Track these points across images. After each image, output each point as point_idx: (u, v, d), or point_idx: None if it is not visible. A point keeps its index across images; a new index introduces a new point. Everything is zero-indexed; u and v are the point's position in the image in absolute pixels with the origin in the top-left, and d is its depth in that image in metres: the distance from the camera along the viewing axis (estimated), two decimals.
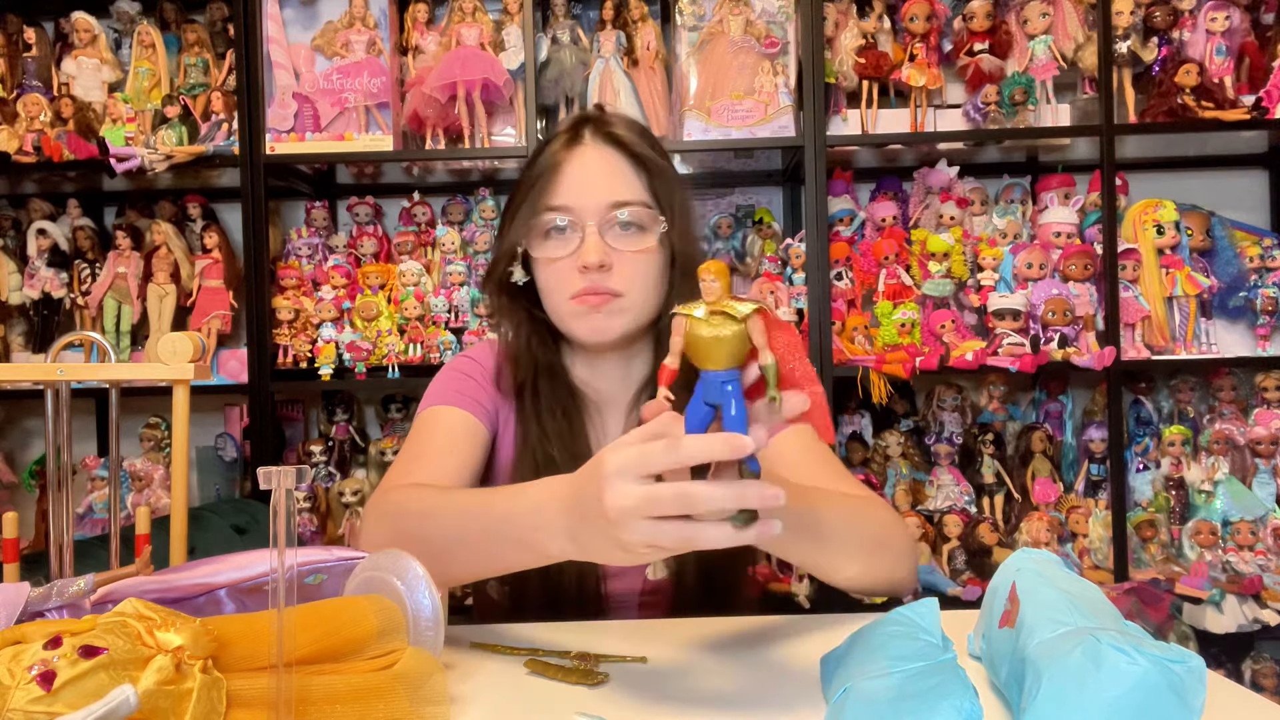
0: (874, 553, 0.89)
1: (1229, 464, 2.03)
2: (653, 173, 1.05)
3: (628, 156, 1.04)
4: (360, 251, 2.19)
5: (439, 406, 1.07)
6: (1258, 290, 2.05)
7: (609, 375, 1.11)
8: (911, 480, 2.11)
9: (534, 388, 1.08)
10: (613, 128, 1.06)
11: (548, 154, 1.05)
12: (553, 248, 1.03)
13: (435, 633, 0.70)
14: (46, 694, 0.48)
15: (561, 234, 1.02)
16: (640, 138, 1.06)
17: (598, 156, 1.04)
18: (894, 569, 0.91)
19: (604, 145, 1.05)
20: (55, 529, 1.06)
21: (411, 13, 2.13)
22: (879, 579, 0.90)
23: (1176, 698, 0.49)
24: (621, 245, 1.02)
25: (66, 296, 2.22)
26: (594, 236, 1.00)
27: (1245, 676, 1.99)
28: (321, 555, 0.77)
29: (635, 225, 1.02)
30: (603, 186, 1.02)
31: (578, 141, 1.05)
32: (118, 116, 2.10)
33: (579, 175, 1.02)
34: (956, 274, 2.07)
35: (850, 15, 2.09)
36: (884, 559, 0.90)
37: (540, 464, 1.03)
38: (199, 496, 2.23)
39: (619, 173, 1.04)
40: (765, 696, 0.69)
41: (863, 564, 0.88)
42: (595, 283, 1.01)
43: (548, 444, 1.05)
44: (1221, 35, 2.05)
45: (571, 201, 1.02)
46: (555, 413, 1.07)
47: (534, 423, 1.06)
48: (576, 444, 1.06)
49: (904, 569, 0.93)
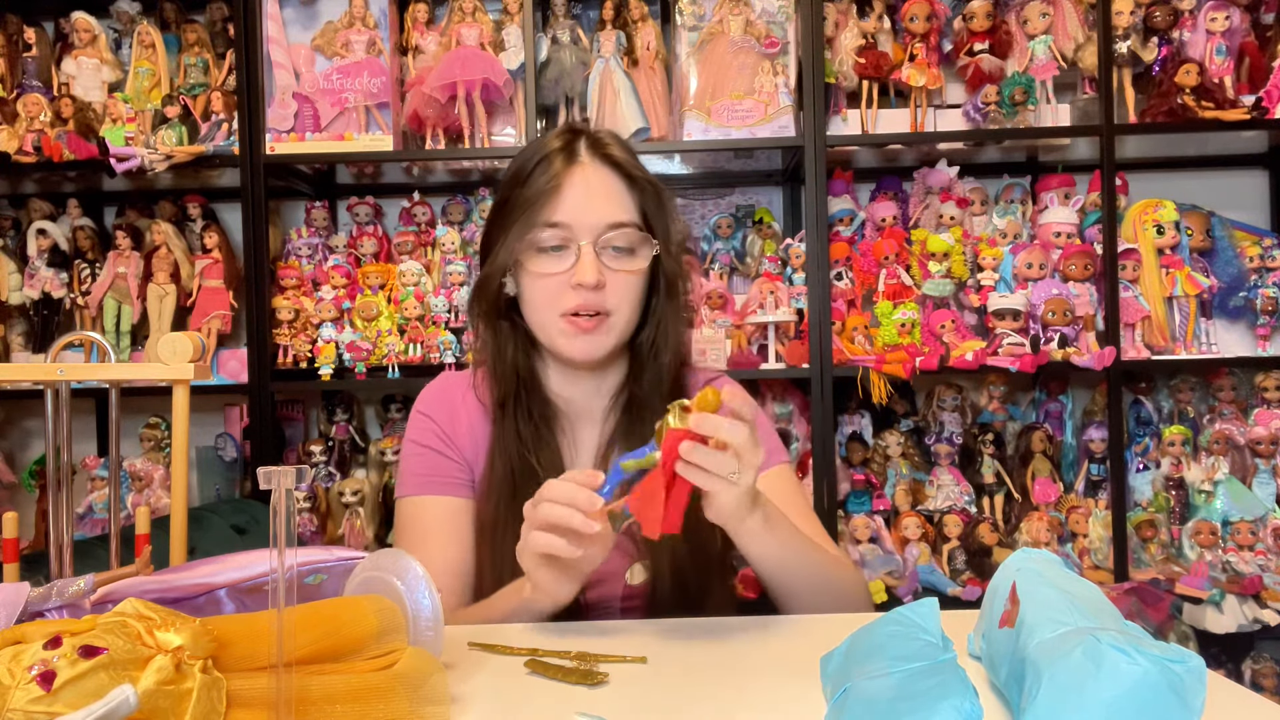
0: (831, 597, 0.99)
1: (1229, 464, 2.03)
2: (645, 193, 1.07)
3: (623, 177, 1.06)
4: (360, 251, 2.19)
5: (417, 498, 1.10)
6: (1258, 290, 2.05)
7: (583, 388, 1.13)
8: (911, 480, 2.11)
9: (516, 399, 1.10)
10: (609, 148, 1.07)
11: (546, 170, 1.05)
12: (547, 264, 1.04)
13: (435, 633, 0.70)
14: (46, 694, 0.48)
15: (557, 251, 1.04)
16: (632, 157, 1.09)
17: (596, 176, 1.05)
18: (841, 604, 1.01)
19: (601, 165, 1.06)
20: (55, 529, 1.06)
21: (411, 13, 2.13)
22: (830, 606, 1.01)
23: (1176, 698, 0.49)
24: (615, 265, 1.04)
25: (66, 296, 2.22)
26: (590, 256, 1.02)
27: (1245, 676, 1.99)
28: (321, 555, 0.77)
29: (628, 246, 1.05)
30: (600, 207, 1.04)
31: (575, 159, 1.06)
32: (118, 116, 2.10)
33: (578, 194, 1.04)
34: (956, 274, 2.07)
35: (850, 15, 2.09)
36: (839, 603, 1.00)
37: (516, 471, 1.06)
38: (199, 496, 2.23)
39: (615, 194, 1.05)
40: (765, 696, 0.69)
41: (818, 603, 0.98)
42: (587, 301, 1.02)
43: (524, 451, 1.07)
44: (1221, 35, 2.05)
45: (570, 219, 1.03)
46: (531, 423, 1.09)
47: (511, 432, 1.08)
48: (549, 454, 1.08)
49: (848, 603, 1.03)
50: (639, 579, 1.05)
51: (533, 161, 1.07)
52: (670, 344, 1.09)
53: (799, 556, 0.95)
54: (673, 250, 1.09)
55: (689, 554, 1.03)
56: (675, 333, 1.10)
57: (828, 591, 0.99)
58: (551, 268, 1.04)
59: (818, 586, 0.98)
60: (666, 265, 1.08)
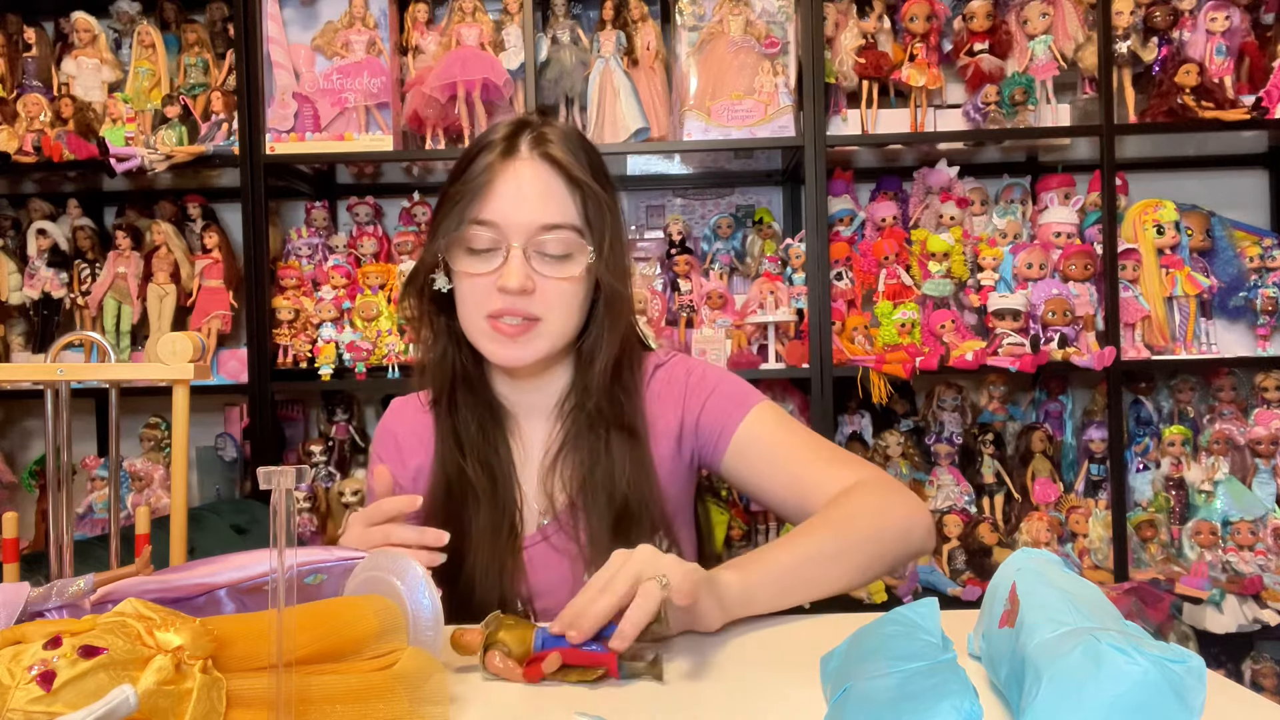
0: (875, 550, 0.93)
1: (1229, 464, 2.03)
2: (587, 197, 0.99)
3: (563, 177, 0.98)
4: (360, 251, 2.19)
5: None
6: (1258, 290, 2.05)
7: (526, 390, 1.08)
8: (911, 480, 2.11)
9: (450, 399, 1.06)
10: (550, 146, 0.99)
11: (480, 164, 0.99)
12: (475, 263, 0.98)
13: (435, 633, 0.70)
14: (46, 694, 0.48)
15: (485, 251, 0.98)
16: (577, 157, 1.00)
17: (531, 174, 0.98)
18: (903, 546, 0.95)
19: (540, 162, 0.98)
20: (55, 529, 1.05)
21: (411, 13, 2.13)
22: (896, 561, 0.95)
23: (1176, 697, 0.49)
24: (546, 270, 0.98)
25: (66, 296, 2.22)
26: (518, 259, 0.96)
27: (1245, 676, 1.99)
28: (321, 555, 0.77)
29: (562, 253, 0.98)
30: (533, 207, 0.97)
31: (513, 154, 0.99)
32: (118, 116, 2.10)
33: (510, 192, 0.97)
34: (956, 274, 2.07)
35: (850, 15, 2.09)
36: (888, 547, 0.94)
37: (451, 476, 1.03)
38: (199, 496, 2.23)
39: (551, 194, 0.98)
40: (765, 696, 0.69)
41: (870, 567, 0.92)
42: (513, 305, 0.97)
43: (461, 457, 1.03)
44: (1221, 35, 2.05)
45: (499, 219, 0.97)
46: (470, 425, 1.05)
47: (450, 435, 1.05)
48: (497, 455, 1.05)
49: (915, 539, 0.96)
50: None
51: (473, 153, 1.01)
52: (604, 356, 1.02)
53: (811, 572, 0.89)
54: (606, 258, 1.00)
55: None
56: (610, 346, 1.03)
57: (868, 559, 0.92)
58: (479, 268, 0.98)
59: (852, 568, 0.91)
60: (603, 276, 1.00)
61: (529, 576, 1.02)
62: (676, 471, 1.08)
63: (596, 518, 1.01)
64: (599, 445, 1.03)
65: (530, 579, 1.02)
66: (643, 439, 1.05)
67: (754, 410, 1.06)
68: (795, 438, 1.05)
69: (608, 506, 1.01)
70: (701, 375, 1.10)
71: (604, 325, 1.03)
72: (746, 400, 1.07)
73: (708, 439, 1.06)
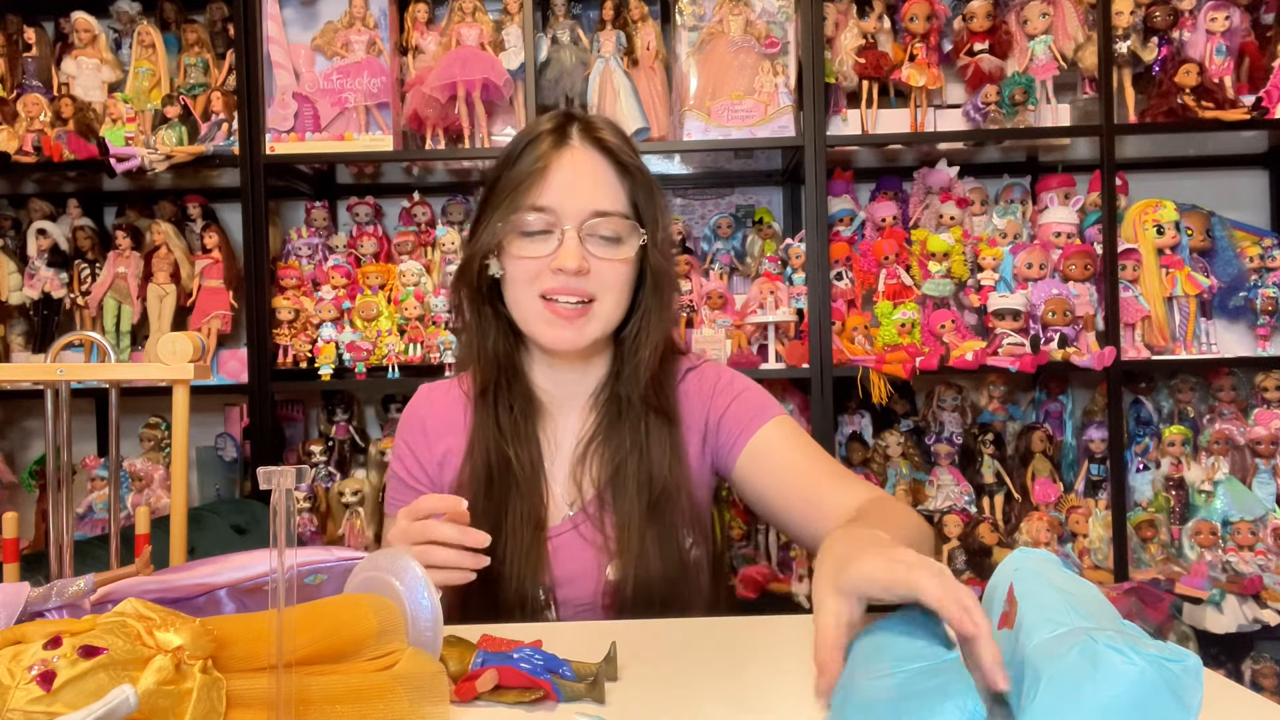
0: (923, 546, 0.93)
1: (1229, 464, 2.03)
2: (636, 183, 1.04)
3: (614, 164, 1.04)
4: (360, 251, 2.19)
5: (389, 518, 1.10)
6: (1258, 290, 2.05)
7: (566, 380, 1.11)
8: (911, 480, 2.11)
9: (496, 388, 1.09)
10: (600, 132, 1.04)
11: (533, 152, 1.02)
12: (530, 247, 1.01)
13: (434, 633, 0.70)
14: (46, 694, 0.48)
15: (541, 234, 1.01)
16: (625, 144, 1.06)
17: (585, 160, 1.03)
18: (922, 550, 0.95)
19: (591, 149, 1.03)
20: (55, 529, 1.06)
21: (411, 13, 2.13)
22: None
23: (1174, 697, 0.49)
24: (600, 252, 1.01)
25: (66, 296, 2.22)
26: (573, 240, 1.00)
27: (1245, 676, 1.99)
28: (321, 555, 0.77)
29: (614, 235, 1.02)
30: (586, 192, 1.01)
31: (565, 142, 1.03)
32: (118, 116, 2.10)
33: (564, 178, 1.01)
34: (956, 274, 2.07)
35: (850, 15, 2.09)
36: (920, 547, 0.94)
37: (493, 462, 1.05)
38: (199, 496, 2.23)
39: (603, 180, 1.03)
40: (765, 696, 0.69)
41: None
42: (568, 284, 1.00)
43: (502, 442, 1.06)
44: (1221, 35, 2.05)
45: (554, 203, 1.00)
46: (511, 412, 1.08)
47: (491, 422, 1.07)
48: (529, 445, 1.07)
49: (926, 550, 0.96)
50: (615, 575, 1.03)
51: (523, 143, 1.04)
52: (651, 339, 1.06)
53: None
54: (659, 243, 1.05)
55: (659, 555, 1.02)
56: (660, 328, 1.07)
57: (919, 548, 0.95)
58: (535, 251, 1.01)
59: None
60: (653, 258, 1.05)
61: (553, 568, 1.04)
62: (701, 471, 1.11)
63: (627, 506, 1.03)
64: (637, 432, 1.06)
65: (555, 570, 1.04)
66: (679, 427, 1.08)
67: (773, 420, 1.09)
68: (811, 452, 1.08)
69: (639, 494, 1.03)
70: (729, 381, 1.13)
71: (653, 307, 1.07)
72: (767, 410, 1.10)
73: (725, 441, 1.09)
